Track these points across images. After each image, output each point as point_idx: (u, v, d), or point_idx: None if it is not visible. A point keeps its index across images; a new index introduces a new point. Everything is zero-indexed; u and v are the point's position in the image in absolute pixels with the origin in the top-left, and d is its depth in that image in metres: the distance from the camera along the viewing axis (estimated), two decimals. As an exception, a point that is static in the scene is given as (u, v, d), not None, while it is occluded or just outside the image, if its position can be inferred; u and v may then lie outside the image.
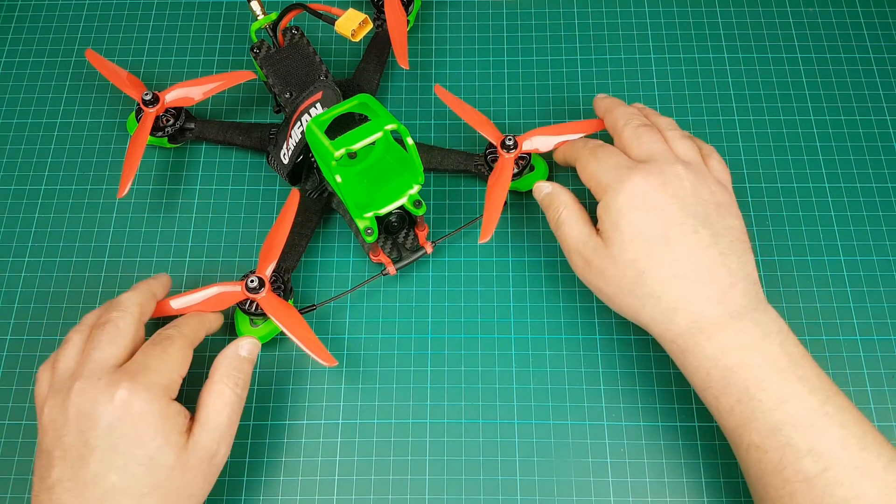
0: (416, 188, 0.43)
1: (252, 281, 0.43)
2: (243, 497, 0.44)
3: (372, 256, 0.47)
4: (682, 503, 0.44)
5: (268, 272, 0.44)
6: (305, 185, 0.49)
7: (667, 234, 0.39)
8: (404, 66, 0.50)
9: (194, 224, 0.51)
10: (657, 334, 0.41)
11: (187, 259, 0.50)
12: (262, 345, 0.46)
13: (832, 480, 0.35)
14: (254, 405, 0.46)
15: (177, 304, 0.44)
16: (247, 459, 0.45)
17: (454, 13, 0.58)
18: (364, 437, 0.45)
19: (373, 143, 0.45)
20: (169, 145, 0.52)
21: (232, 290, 0.43)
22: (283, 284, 0.46)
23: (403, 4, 0.54)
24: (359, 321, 0.48)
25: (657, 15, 0.58)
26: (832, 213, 0.51)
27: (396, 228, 0.46)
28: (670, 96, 0.55)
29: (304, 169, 0.49)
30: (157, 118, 0.51)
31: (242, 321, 0.46)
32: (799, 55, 0.56)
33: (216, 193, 0.52)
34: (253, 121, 0.54)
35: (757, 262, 0.49)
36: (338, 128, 0.45)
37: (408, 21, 0.54)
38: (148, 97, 0.49)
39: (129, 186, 0.47)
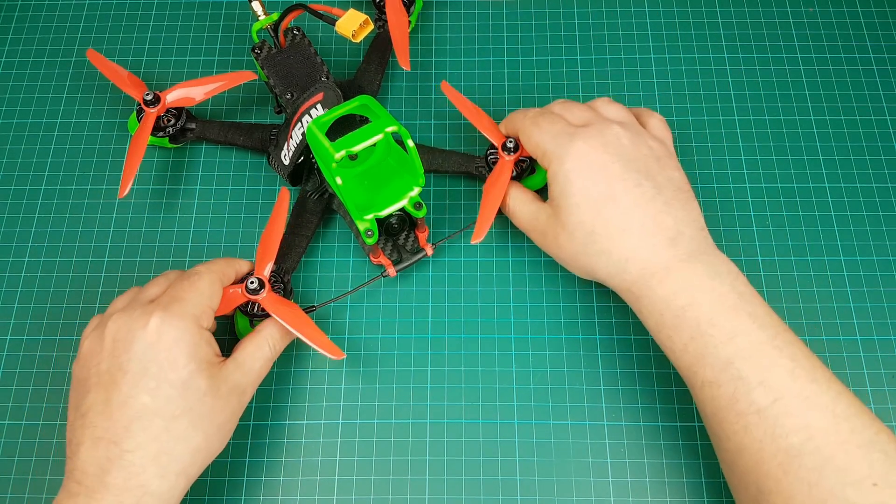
0: (416, 190, 0.44)
1: (252, 282, 0.43)
2: (243, 497, 0.44)
3: (372, 258, 0.47)
4: (682, 503, 0.44)
5: (266, 272, 0.44)
6: (306, 186, 0.49)
7: (611, 191, 0.41)
8: (405, 67, 0.50)
9: (194, 224, 0.51)
10: (613, 286, 0.42)
11: (187, 259, 0.50)
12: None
13: (783, 411, 0.36)
14: (254, 405, 0.46)
15: None
16: (247, 459, 0.45)
17: (454, 13, 0.58)
18: (364, 437, 0.45)
19: (373, 145, 0.44)
20: (170, 145, 0.52)
21: (232, 293, 0.43)
22: (283, 285, 0.46)
23: (405, 5, 0.54)
24: (359, 321, 0.48)
25: (657, 15, 0.58)
26: (832, 213, 0.51)
27: (397, 230, 0.46)
28: (670, 96, 0.55)
29: (304, 170, 0.49)
30: (159, 118, 0.51)
31: (243, 323, 0.46)
32: (799, 55, 0.56)
33: (216, 193, 0.52)
34: (253, 121, 0.54)
35: (757, 262, 0.49)
36: (339, 129, 0.45)
37: (409, 22, 0.54)
38: (149, 97, 0.49)
39: (129, 187, 0.47)
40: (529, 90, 0.55)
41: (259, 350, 0.42)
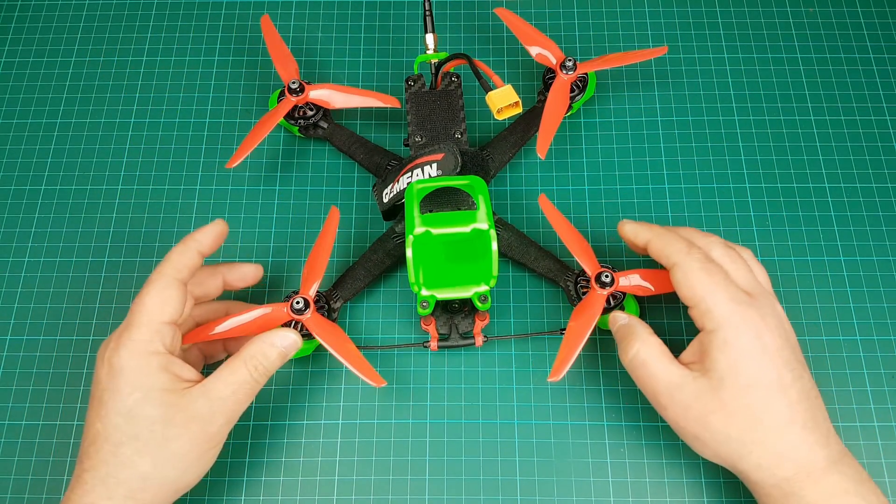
0: (484, 288, 0.42)
1: (297, 302, 0.42)
2: (243, 497, 0.44)
3: (423, 323, 0.45)
4: (682, 503, 0.44)
5: (312, 292, 0.43)
6: (396, 227, 0.48)
7: (782, 380, 0.38)
8: (541, 156, 0.47)
9: (194, 224, 0.51)
10: (757, 480, 0.39)
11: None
12: (297, 359, 0.46)
13: None
14: (254, 405, 0.46)
15: (220, 328, 0.42)
16: (247, 459, 0.45)
17: (454, 13, 0.58)
18: (364, 437, 0.45)
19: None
20: (297, 133, 0.52)
21: (276, 313, 0.42)
22: (326, 305, 0.45)
23: (578, 87, 0.51)
24: (359, 321, 0.48)
25: (657, 15, 0.58)
26: (832, 213, 0.51)
27: (457, 309, 0.46)
28: (670, 96, 0.55)
29: (400, 211, 0.48)
30: (296, 107, 0.51)
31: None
32: (799, 55, 0.56)
33: (216, 194, 0.52)
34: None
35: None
36: (442, 194, 0.45)
37: (571, 107, 0.52)
38: (295, 86, 0.50)
39: (240, 161, 0.48)
40: (529, 90, 0.55)
41: (233, 374, 0.39)
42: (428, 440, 0.45)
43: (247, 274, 0.45)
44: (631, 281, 0.44)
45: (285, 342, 0.41)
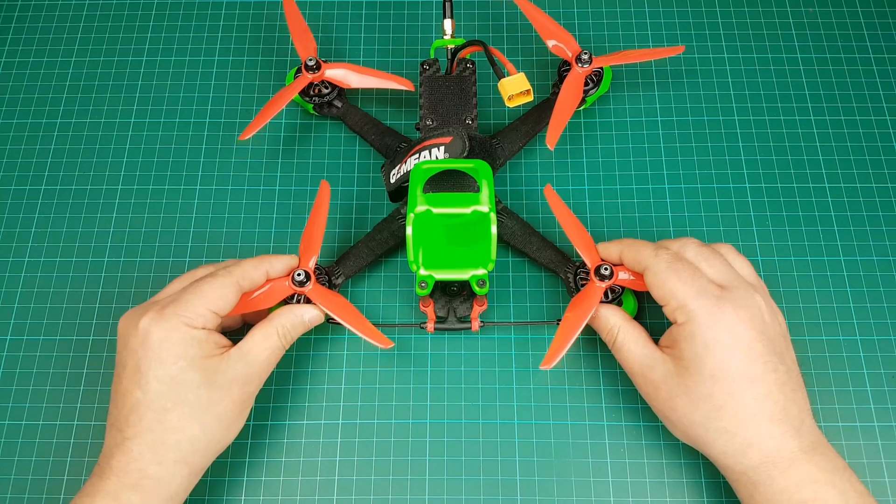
0: (482, 271, 0.42)
1: (299, 274, 0.43)
2: (243, 497, 0.44)
3: (421, 304, 0.44)
4: (682, 503, 0.44)
5: (311, 265, 0.44)
6: (402, 209, 0.48)
7: (751, 372, 0.39)
8: (550, 147, 0.47)
9: (194, 224, 0.51)
10: (724, 466, 0.40)
11: (187, 259, 0.50)
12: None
13: None
14: (254, 405, 0.46)
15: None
16: (247, 459, 0.45)
17: (456, 11, 0.58)
18: (364, 437, 0.45)
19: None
20: (312, 111, 0.53)
21: (279, 286, 0.44)
22: (327, 279, 0.46)
23: (592, 81, 0.51)
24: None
25: (657, 15, 0.58)
26: (832, 214, 0.51)
27: (455, 292, 0.46)
28: (670, 96, 0.55)
29: (405, 193, 0.48)
30: (311, 85, 0.51)
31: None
32: (799, 55, 0.56)
33: (216, 193, 0.52)
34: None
35: (757, 262, 0.49)
36: (447, 177, 0.46)
37: (585, 101, 0.52)
38: (311, 63, 0.50)
39: (253, 133, 0.49)
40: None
41: (267, 339, 0.42)
42: (428, 440, 0.45)
43: (284, 265, 0.45)
44: (630, 275, 0.44)
45: (310, 314, 0.44)
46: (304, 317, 0.43)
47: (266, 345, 0.42)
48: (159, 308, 0.40)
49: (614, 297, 0.45)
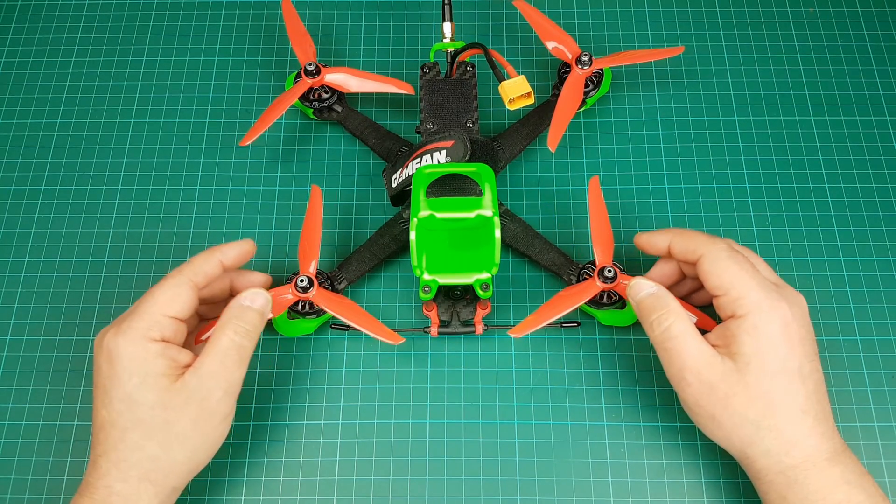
0: (486, 275, 0.42)
1: (302, 280, 0.43)
2: (243, 497, 0.44)
3: (424, 308, 0.45)
4: (682, 503, 0.44)
5: (312, 270, 0.44)
6: (404, 213, 0.48)
7: (802, 370, 0.39)
8: (551, 150, 0.47)
9: (194, 224, 0.51)
10: (762, 465, 0.39)
11: (187, 259, 0.50)
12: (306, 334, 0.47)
13: None
14: (254, 405, 0.46)
15: None
16: (247, 459, 0.45)
17: (455, 13, 0.58)
18: (364, 437, 0.45)
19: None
20: (312, 116, 0.53)
21: (283, 296, 0.43)
22: (330, 285, 0.46)
23: (592, 82, 0.51)
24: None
25: (657, 15, 0.58)
26: (832, 214, 0.51)
27: (459, 296, 0.46)
28: (670, 96, 0.55)
29: (407, 197, 0.48)
30: (311, 90, 0.51)
31: (281, 319, 0.46)
32: (799, 55, 0.56)
33: (216, 194, 0.52)
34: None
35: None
36: (449, 181, 0.45)
37: (585, 102, 0.52)
38: (311, 67, 0.50)
39: (254, 139, 0.49)
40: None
41: (216, 345, 0.39)
42: (428, 440, 0.45)
43: (254, 282, 0.45)
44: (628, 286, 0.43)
45: (256, 300, 0.41)
46: (247, 303, 0.41)
47: (215, 351, 0.39)
48: (118, 322, 0.40)
49: (610, 302, 0.45)
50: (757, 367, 0.38)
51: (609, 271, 0.43)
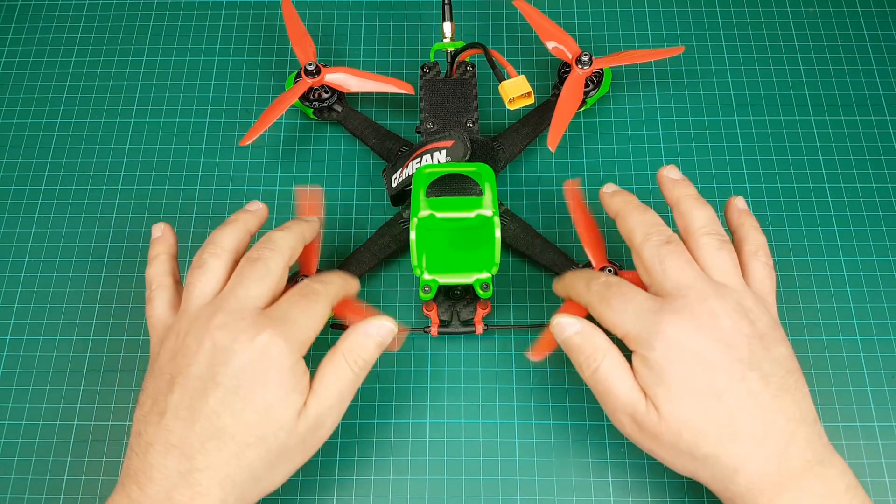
0: (486, 275, 0.42)
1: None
2: (243, 497, 0.44)
3: (424, 308, 0.45)
4: (682, 503, 0.44)
5: (314, 270, 0.44)
6: (404, 213, 0.48)
7: (714, 385, 0.35)
8: (551, 150, 0.47)
9: (194, 224, 0.51)
10: (716, 491, 0.37)
11: (187, 259, 0.50)
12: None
13: None
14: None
15: None
16: (247, 459, 0.45)
17: (455, 13, 0.58)
18: (364, 437, 0.45)
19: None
20: (312, 116, 0.53)
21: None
22: None
23: (593, 82, 0.51)
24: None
25: (657, 15, 0.58)
26: (832, 214, 0.51)
27: (459, 296, 0.46)
28: (670, 96, 0.55)
29: (407, 197, 0.48)
30: (311, 89, 0.51)
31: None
32: (799, 55, 0.56)
33: (216, 194, 0.52)
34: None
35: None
36: (448, 181, 0.45)
37: (585, 102, 0.52)
38: (311, 67, 0.50)
39: (254, 139, 0.49)
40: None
41: (335, 372, 0.38)
42: (428, 440, 0.45)
43: (353, 287, 0.43)
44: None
45: (381, 331, 0.39)
46: (372, 333, 0.39)
47: (335, 378, 0.37)
48: (276, 325, 0.36)
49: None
50: (664, 396, 0.36)
51: (609, 271, 0.43)
